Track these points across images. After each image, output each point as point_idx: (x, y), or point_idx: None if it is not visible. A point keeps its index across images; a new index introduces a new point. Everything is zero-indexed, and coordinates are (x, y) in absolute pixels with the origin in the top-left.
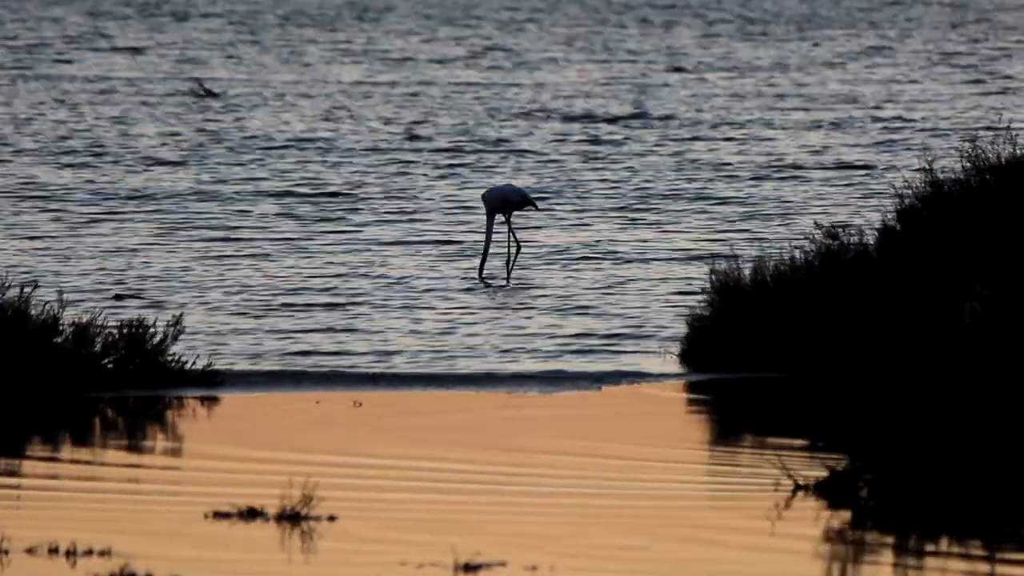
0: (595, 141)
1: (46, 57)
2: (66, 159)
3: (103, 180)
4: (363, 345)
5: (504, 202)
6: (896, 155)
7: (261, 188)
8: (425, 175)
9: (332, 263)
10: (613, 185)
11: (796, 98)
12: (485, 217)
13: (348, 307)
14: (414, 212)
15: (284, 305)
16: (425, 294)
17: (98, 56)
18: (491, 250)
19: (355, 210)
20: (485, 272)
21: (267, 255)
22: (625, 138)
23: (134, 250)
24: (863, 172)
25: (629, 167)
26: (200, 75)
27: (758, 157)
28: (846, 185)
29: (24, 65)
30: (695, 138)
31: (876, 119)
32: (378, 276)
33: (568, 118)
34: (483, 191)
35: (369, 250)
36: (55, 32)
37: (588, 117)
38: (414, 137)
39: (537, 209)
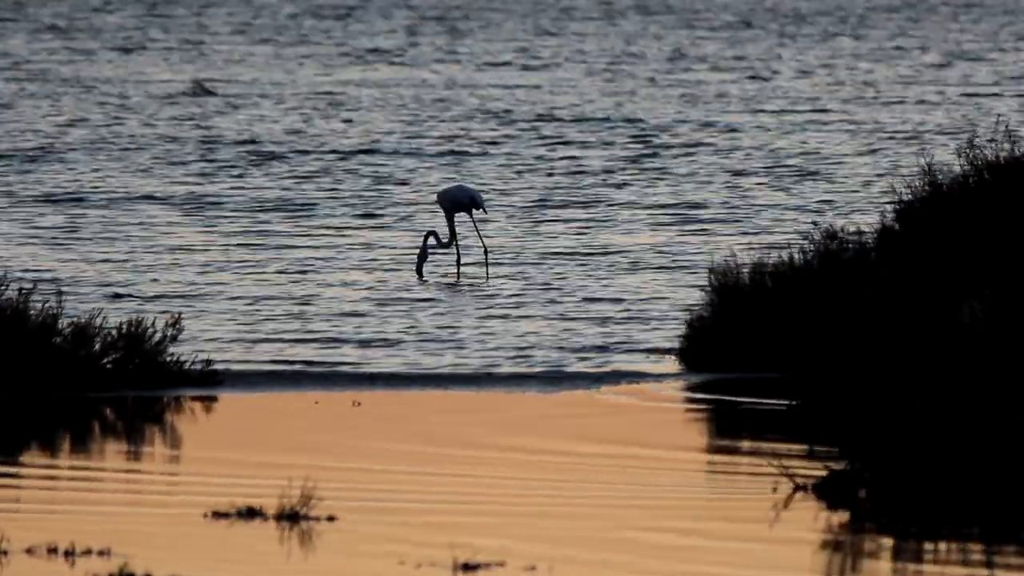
0: (593, 143)
1: (45, 56)
2: (65, 158)
3: (103, 179)
4: (361, 346)
5: (453, 203)
6: (894, 155)
7: (260, 189)
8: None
9: (332, 263)
10: (612, 185)
11: (796, 98)
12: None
13: (348, 307)
14: (410, 212)
15: (284, 305)
16: (423, 294)
17: (97, 54)
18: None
19: (353, 212)
20: (489, 273)
21: (266, 256)
22: (624, 136)
23: (133, 250)
24: (862, 173)
25: (628, 167)
26: (200, 75)
27: (757, 157)
28: (846, 185)
29: (23, 65)
30: (696, 138)
31: (874, 119)
32: (375, 276)
33: (569, 117)
34: (437, 192)
35: (367, 250)
36: (51, 31)
37: (587, 118)
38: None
39: (485, 211)
